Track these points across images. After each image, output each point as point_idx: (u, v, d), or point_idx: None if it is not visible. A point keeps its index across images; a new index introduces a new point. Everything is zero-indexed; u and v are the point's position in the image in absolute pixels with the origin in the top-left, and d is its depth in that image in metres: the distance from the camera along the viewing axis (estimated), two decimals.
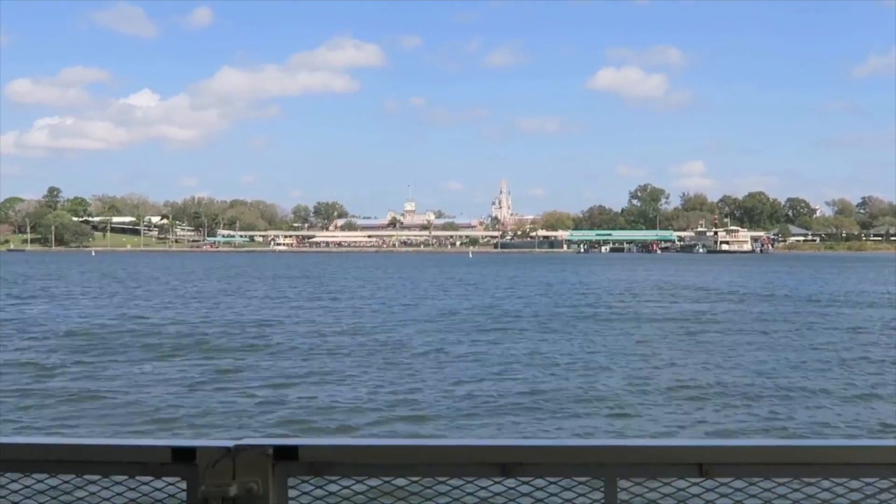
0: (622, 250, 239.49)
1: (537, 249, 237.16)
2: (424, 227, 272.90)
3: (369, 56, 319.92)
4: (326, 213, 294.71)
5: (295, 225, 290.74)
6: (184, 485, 2.45)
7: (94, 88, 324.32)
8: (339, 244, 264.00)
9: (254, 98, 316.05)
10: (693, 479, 2.39)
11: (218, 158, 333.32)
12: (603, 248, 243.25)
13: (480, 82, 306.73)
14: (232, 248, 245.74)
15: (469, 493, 2.45)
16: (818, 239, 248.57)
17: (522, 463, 2.41)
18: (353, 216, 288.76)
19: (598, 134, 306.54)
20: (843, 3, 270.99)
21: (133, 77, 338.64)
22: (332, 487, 2.47)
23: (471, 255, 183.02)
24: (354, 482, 2.47)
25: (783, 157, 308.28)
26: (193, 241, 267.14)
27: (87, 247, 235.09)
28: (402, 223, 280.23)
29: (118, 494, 2.50)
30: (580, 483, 2.42)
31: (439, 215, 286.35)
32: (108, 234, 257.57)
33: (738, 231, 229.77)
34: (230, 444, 2.43)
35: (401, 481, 2.47)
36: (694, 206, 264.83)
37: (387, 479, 2.47)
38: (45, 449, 2.57)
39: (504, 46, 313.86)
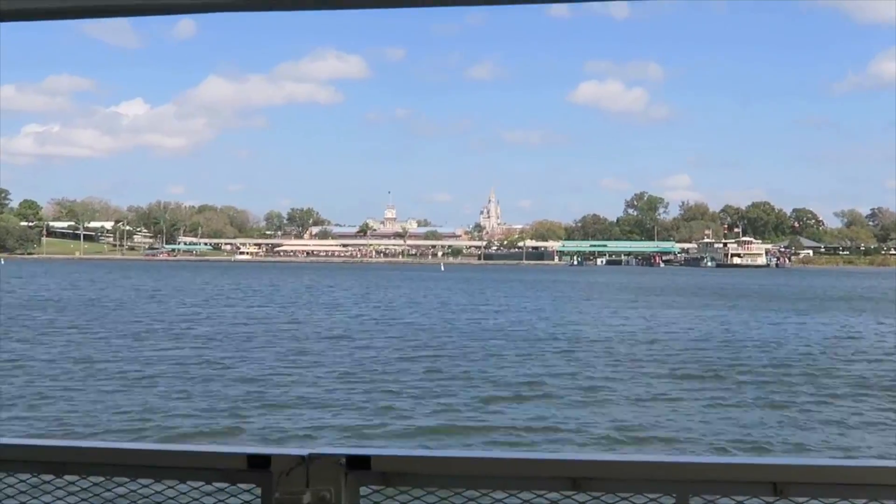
0: (619, 262, 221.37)
1: (525, 261, 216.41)
2: (400, 236, 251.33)
3: (353, 67, 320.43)
4: (301, 221, 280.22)
5: (267, 233, 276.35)
6: (258, 491, 2.48)
7: (79, 97, 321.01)
8: (309, 253, 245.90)
9: (240, 108, 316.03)
10: (767, 499, 2.34)
11: (205, 167, 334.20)
12: (598, 261, 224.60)
13: (463, 94, 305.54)
14: (193, 257, 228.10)
15: None
16: (832, 252, 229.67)
17: (593, 477, 2.39)
18: (330, 224, 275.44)
19: (581, 146, 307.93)
20: (821, 21, 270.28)
21: (119, 86, 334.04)
22: (404, 498, 2.48)
23: (442, 268, 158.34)
24: (425, 493, 2.47)
25: (766, 171, 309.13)
26: (151, 248, 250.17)
27: (31, 254, 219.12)
28: (374, 231, 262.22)
29: (195, 500, 2.54)
30: (651, 499, 2.38)
31: (424, 224, 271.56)
32: (57, 239, 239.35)
33: (751, 242, 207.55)
34: (304, 452, 2.46)
35: (472, 493, 2.46)
36: (694, 215, 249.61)
37: (458, 490, 2.46)
38: (124, 453, 2.62)
39: (485, 59, 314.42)
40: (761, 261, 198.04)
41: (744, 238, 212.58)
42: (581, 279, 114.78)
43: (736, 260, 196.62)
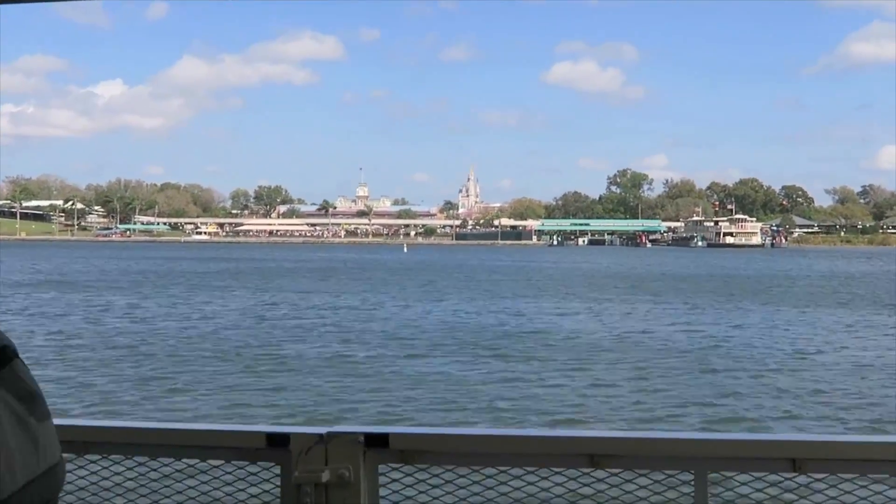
0: (603, 242, 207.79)
1: (500, 241, 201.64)
2: (365, 214, 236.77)
3: (328, 48, 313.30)
4: (269, 200, 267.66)
5: (233, 212, 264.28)
6: (277, 470, 2.51)
7: (54, 77, 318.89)
8: (271, 233, 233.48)
9: (215, 88, 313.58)
10: (786, 475, 2.35)
11: (183, 147, 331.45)
12: (580, 240, 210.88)
13: (439, 75, 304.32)
14: (149, 237, 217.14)
15: (558, 484, 2.46)
16: (827, 231, 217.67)
17: (611, 454, 2.40)
18: (302, 202, 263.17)
19: (558, 126, 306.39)
20: (792, 6, 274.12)
21: (93, 67, 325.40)
22: (422, 475, 2.50)
23: (405, 250, 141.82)
24: (444, 470, 2.50)
25: (742, 151, 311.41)
26: (104, 228, 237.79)
27: None
28: (335, 210, 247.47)
29: (215, 478, 2.59)
30: (670, 476, 2.40)
31: (402, 203, 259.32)
32: (5, 220, 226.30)
33: (745, 220, 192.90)
34: (323, 430, 2.49)
35: (490, 470, 2.49)
36: (680, 193, 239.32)
37: (476, 467, 2.49)
38: (145, 433, 2.70)
39: (460, 41, 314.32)
40: (756, 240, 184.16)
41: (737, 216, 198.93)
42: (556, 263, 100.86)
43: (729, 239, 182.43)
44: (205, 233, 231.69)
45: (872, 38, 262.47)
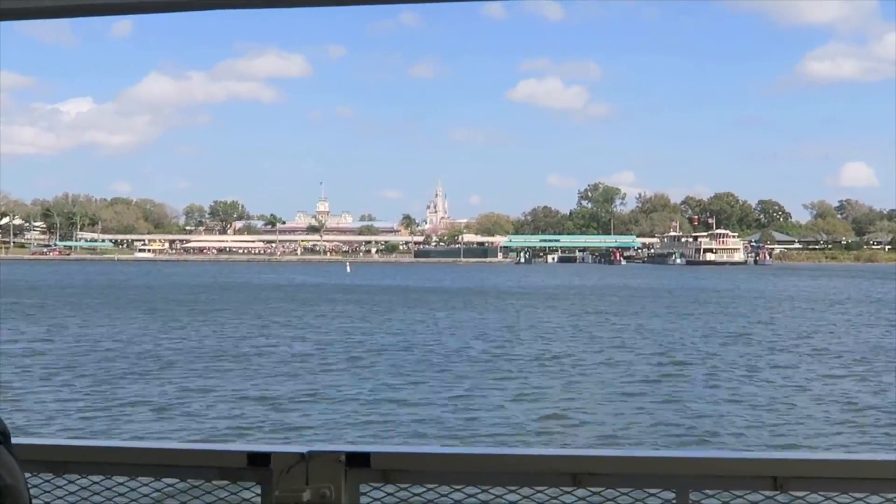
0: (574, 259, 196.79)
1: (463, 259, 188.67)
2: (315, 229, 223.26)
3: (294, 66, 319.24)
4: (224, 215, 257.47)
5: (187, 228, 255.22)
6: (258, 489, 2.51)
7: (19, 94, 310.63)
8: (221, 251, 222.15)
9: (182, 105, 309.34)
10: (767, 493, 2.35)
11: (150, 164, 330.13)
12: (550, 258, 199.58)
13: (406, 93, 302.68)
14: (92, 255, 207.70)
15: (540, 503, 2.45)
16: (808, 247, 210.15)
17: (593, 473, 2.39)
18: (260, 217, 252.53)
19: (524, 143, 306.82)
20: (744, 24, 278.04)
21: (59, 84, 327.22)
22: (404, 494, 2.49)
23: (348, 269, 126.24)
24: (425, 490, 2.49)
25: (707, 169, 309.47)
26: (42, 245, 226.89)
27: None
28: (283, 224, 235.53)
29: (195, 498, 2.57)
30: (651, 494, 2.40)
31: (369, 219, 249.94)
32: None
33: (726, 235, 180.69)
34: (304, 450, 2.48)
35: (471, 489, 2.47)
36: (654, 207, 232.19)
37: (458, 487, 2.47)
38: (125, 452, 2.68)
39: (425, 59, 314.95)
40: (738, 257, 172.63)
41: (718, 231, 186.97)
42: (517, 285, 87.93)
43: (709, 256, 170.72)
44: (149, 250, 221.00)
45: (828, 57, 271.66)
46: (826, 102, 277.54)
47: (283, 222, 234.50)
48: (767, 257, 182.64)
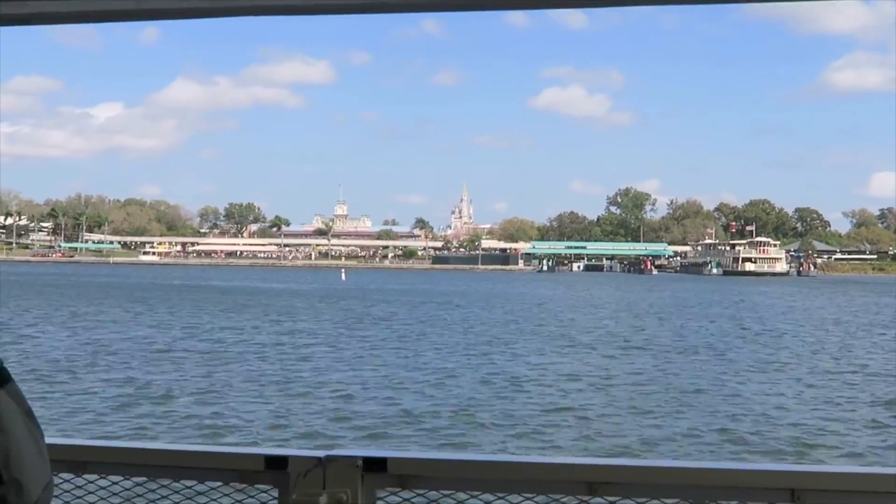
0: (601, 268, 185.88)
1: (481, 266, 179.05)
2: (322, 233, 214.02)
3: (319, 72, 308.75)
4: (240, 218, 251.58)
5: (202, 231, 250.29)
6: (275, 492, 2.52)
7: (49, 98, 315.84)
8: (229, 254, 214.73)
9: (208, 110, 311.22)
10: None
11: (176, 168, 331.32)
12: (575, 266, 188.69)
13: (429, 99, 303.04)
14: (97, 258, 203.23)
15: None
16: (851, 256, 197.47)
17: (609, 482, 2.40)
18: (277, 220, 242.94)
19: (548, 150, 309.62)
20: (768, 35, 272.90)
21: (87, 88, 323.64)
22: (420, 500, 2.50)
23: (343, 278, 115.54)
24: (441, 496, 2.50)
25: (732, 177, 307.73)
26: (46, 246, 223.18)
27: None
28: (288, 226, 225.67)
29: (213, 500, 2.60)
30: None
31: (392, 223, 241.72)
32: None
33: (767, 244, 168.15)
34: (321, 454, 2.50)
35: (487, 496, 2.49)
36: (686, 214, 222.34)
37: (474, 493, 2.50)
38: (144, 453, 2.71)
39: (448, 66, 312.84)
40: (780, 267, 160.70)
41: (758, 238, 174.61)
42: (526, 299, 75.91)
43: (749, 266, 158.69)
44: (154, 253, 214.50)
45: (850, 67, 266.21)
46: (850, 113, 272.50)
47: (289, 224, 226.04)
48: (812, 268, 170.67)
